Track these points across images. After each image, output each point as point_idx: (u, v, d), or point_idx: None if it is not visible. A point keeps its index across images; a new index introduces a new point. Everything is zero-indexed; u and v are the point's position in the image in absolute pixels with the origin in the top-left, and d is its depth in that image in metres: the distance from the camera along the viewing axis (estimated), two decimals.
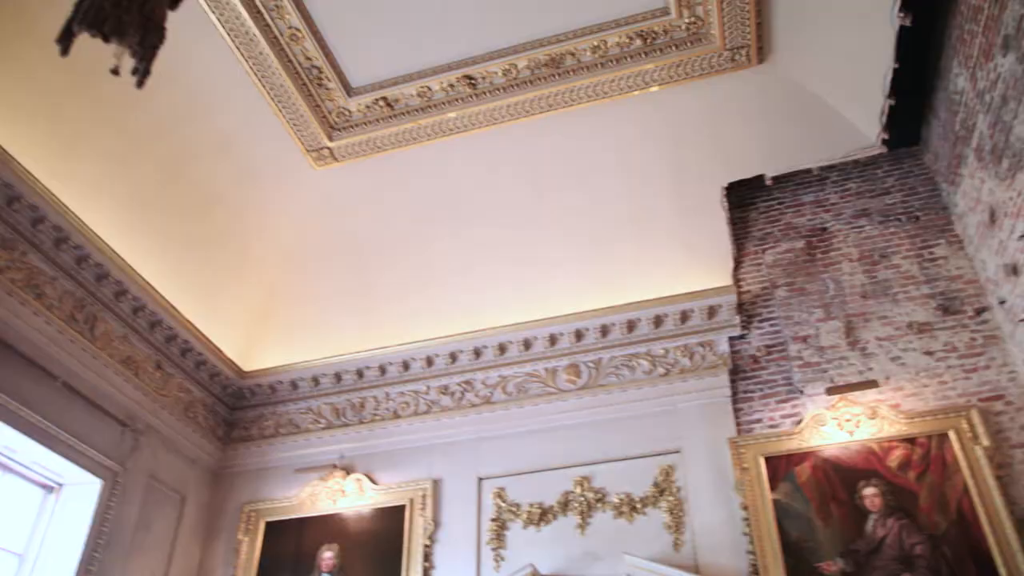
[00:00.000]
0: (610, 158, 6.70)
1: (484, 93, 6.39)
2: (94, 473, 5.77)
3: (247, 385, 7.21)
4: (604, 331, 6.46)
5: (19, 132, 5.20)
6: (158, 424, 6.39)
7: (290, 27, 5.88)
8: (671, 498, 5.67)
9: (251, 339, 7.26)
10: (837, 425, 5.47)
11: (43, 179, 5.35)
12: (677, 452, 5.85)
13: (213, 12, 5.60)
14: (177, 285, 6.48)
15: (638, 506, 5.73)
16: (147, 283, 6.17)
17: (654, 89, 6.30)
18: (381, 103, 6.46)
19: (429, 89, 6.37)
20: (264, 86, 6.14)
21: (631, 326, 6.41)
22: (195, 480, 6.76)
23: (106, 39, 2.59)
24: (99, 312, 5.93)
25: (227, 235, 6.82)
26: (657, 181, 6.67)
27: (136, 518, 6.08)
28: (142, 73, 2.67)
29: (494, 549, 5.89)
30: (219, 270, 6.87)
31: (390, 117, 6.54)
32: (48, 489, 5.83)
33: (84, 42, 4.79)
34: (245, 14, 5.66)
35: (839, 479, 5.30)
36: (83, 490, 5.81)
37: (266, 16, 5.77)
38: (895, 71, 5.51)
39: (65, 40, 2.60)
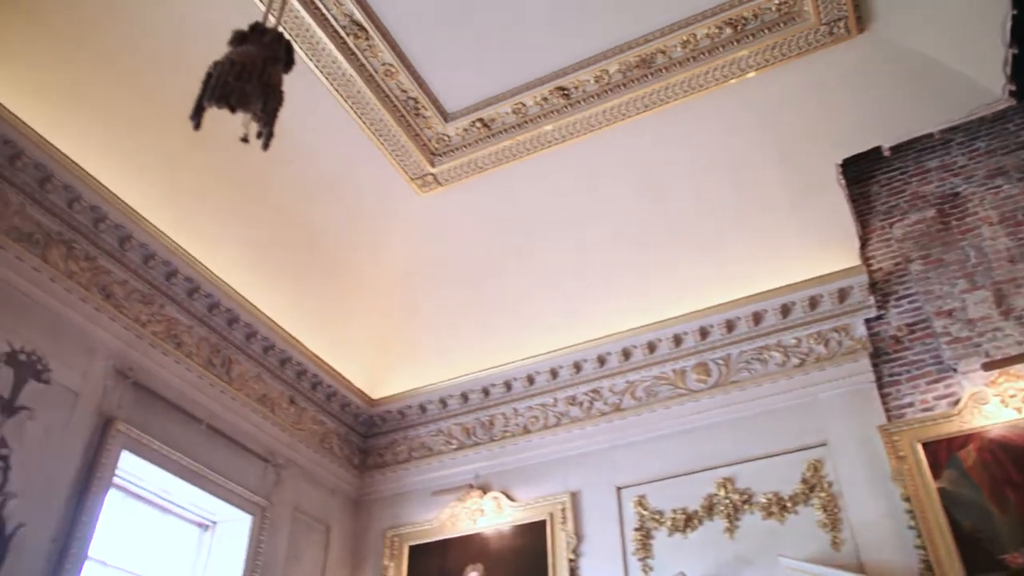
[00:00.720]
0: (712, 151, 6.52)
1: (578, 102, 6.35)
2: (244, 509, 6.00)
3: (377, 412, 7.36)
4: (729, 326, 6.25)
5: (148, 193, 5.50)
6: (297, 457, 6.60)
7: (383, 63, 6.02)
8: (823, 494, 5.39)
9: (376, 367, 7.41)
10: (1001, 402, 5.06)
11: (172, 235, 5.64)
12: (823, 445, 5.57)
13: (311, 60, 5.78)
14: (301, 322, 6.70)
15: (788, 505, 5.48)
16: (274, 322, 6.40)
17: (751, 75, 6.11)
18: (478, 125, 6.51)
19: (523, 105, 6.39)
20: (365, 123, 6.29)
21: (757, 318, 6.18)
22: (337, 509, 6.94)
23: (233, 110, 2.73)
24: (233, 355, 6.19)
25: (342, 269, 7.02)
26: (765, 168, 6.44)
27: (286, 550, 6.28)
28: (267, 136, 2.80)
29: (641, 559, 5.75)
30: (338, 303, 7.06)
31: (488, 137, 6.58)
32: (203, 527, 6.09)
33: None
34: (341, 57, 5.84)
35: (1010, 460, 4.87)
36: (235, 526, 6.04)
37: (360, 57, 5.93)
38: (1014, 17, 5.14)
39: (197, 116, 2.75)
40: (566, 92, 6.29)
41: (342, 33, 5.79)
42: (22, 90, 4.93)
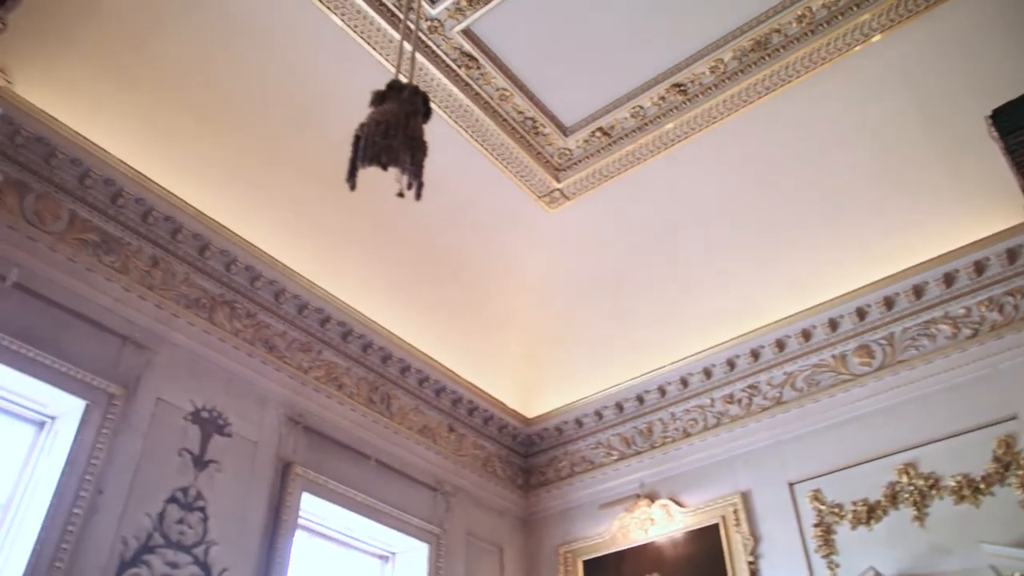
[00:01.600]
0: (844, 123, 6.20)
1: (696, 96, 6.21)
2: (420, 539, 6.20)
3: (534, 431, 7.44)
4: (888, 303, 5.91)
5: (295, 248, 5.84)
6: (463, 483, 6.76)
7: (497, 89, 6.13)
8: (1020, 472, 4.98)
9: (528, 387, 7.50)
10: None
11: (322, 284, 5.96)
12: (1013, 419, 5.15)
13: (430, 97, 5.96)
14: (451, 351, 6.88)
15: (981, 487, 5.09)
16: (425, 355, 6.62)
17: (876, 39, 5.77)
18: (598, 134, 6.49)
19: (641, 108, 6.32)
20: (487, 149, 6.41)
21: (918, 291, 5.81)
22: (508, 530, 7.05)
23: (384, 167, 2.87)
24: (391, 390, 6.44)
25: (483, 295, 7.16)
26: (907, 132, 6.06)
27: (463, 575, 6.43)
28: (418, 187, 2.92)
29: (825, 556, 5.50)
30: (484, 329, 7.20)
31: (609, 144, 6.55)
32: (384, 559, 6.33)
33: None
34: (456, 90, 5.98)
35: None
36: (414, 555, 6.25)
37: (474, 86, 6.05)
38: None
39: (352, 178, 2.91)
40: (683, 88, 6.17)
41: (454, 67, 5.94)
42: (174, 167, 5.36)
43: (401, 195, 2.88)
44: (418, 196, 2.93)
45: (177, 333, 5.12)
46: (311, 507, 5.60)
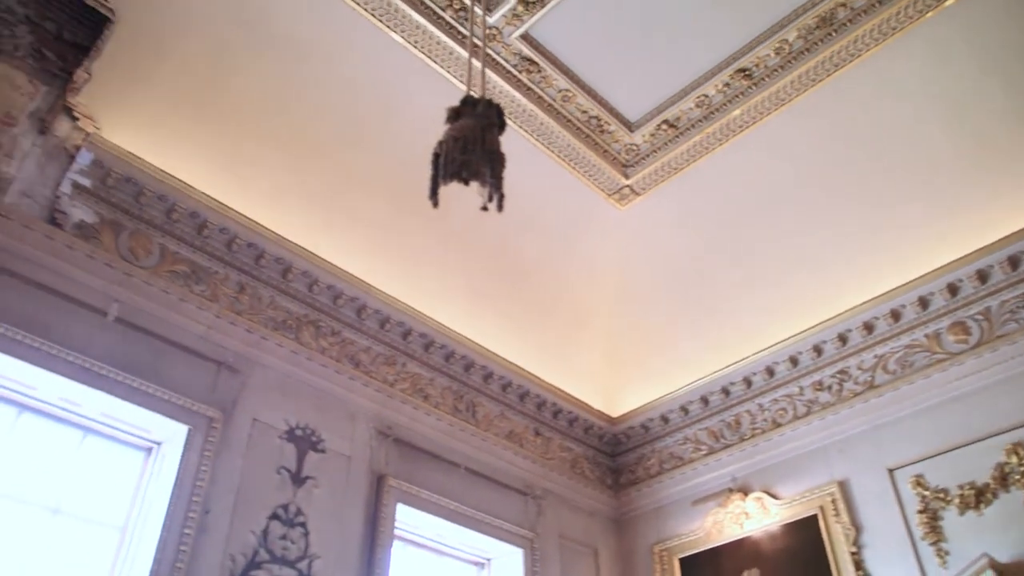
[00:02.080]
0: (921, 93, 5.97)
1: (762, 79, 6.08)
2: (514, 544, 6.24)
3: (620, 430, 7.41)
4: (982, 277, 5.67)
5: (374, 263, 5.98)
6: (552, 486, 6.78)
7: (559, 91, 6.13)
8: None
9: (611, 386, 7.48)
10: None
11: (399, 296, 6.07)
12: None
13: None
14: (531, 355, 6.91)
15: None
16: (506, 361, 6.68)
17: (949, 3, 5.57)
18: (664, 127, 6.43)
19: (706, 96, 6.23)
20: (553, 151, 6.42)
21: (1014, 262, 5.56)
22: (600, 531, 7.03)
23: (466, 182, 2.92)
24: (475, 398, 6.51)
25: (560, 296, 7.17)
26: (988, 95, 5.81)
27: None
28: (500, 199, 2.96)
29: (932, 543, 5.30)
30: (563, 330, 7.21)
31: (676, 136, 6.48)
32: (480, 565, 6.40)
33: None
34: (519, 96, 6.02)
35: None
36: (509, 560, 6.30)
37: (536, 90, 6.08)
38: None
39: (434, 195, 2.97)
40: (747, 72, 6.06)
41: (515, 72, 5.98)
42: (253, 195, 5.55)
43: (485, 208, 2.91)
44: (500, 208, 2.96)
45: (267, 355, 5.30)
46: (406, 517, 5.70)
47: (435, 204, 2.98)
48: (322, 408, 5.43)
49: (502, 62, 5.88)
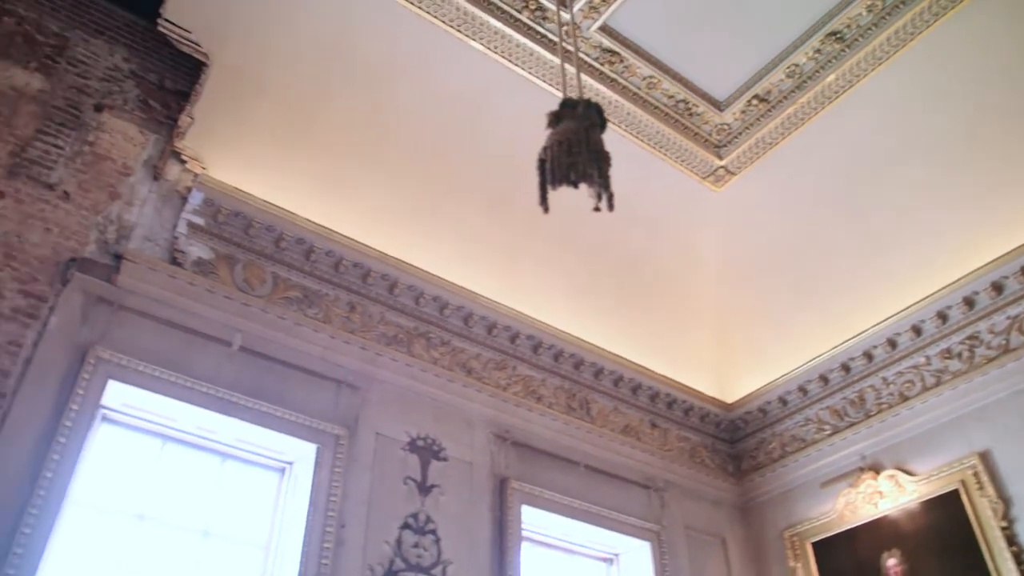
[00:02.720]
0: None
1: (855, 40, 5.84)
2: (640, 538, 6.21)
3: (737, 416, 7.26)
4: None
5: (476, 271, 6.07)
6: (673, 478, 6.70)
7: (644, 78, 6.07)
8: None
9: (722, 371, 7.34)
10: None
11: (503, 301, 6.13)
12: None
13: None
14: (639, 348, 6.86)
15: None
16: (615, 355, 6.65)
17: None
18: (755, 102, 6.27)
19: (796, 66, 6.03)
20: (643, 140, 6.35)
21: None
22: (726, 519, 6.90)
23: (575, 185, 2.94)
24: (588, 395, 6.51)
25: (662, 285, 7.08)
26: None
27: (688, 570, 6.35)
28: (610, 198, 2.95)
29: None
30: (667, 319, 7.12)
31: (769, 110, 6.30)
32: (608, 561, 6.39)
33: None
34: (604, 88, 5.99)
35: None
36: (636, 555, 6.26)
37: (621, 81, 6.03)
38: None
39: (544, 201, 3.00)
40: (839, 35, 5.84)
41: (597, 65, 5.95)
42: (354, 216, 5.72)
43: (597, 209, 2.91)
44: (611, 207, 2.95)
45: (383, 370, 5.45)
46: (531, 519, 5.74)
47: (546, 210, 3.00)
48: (440, 417, 5.55)
49: (583, 56, 5.86)
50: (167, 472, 4.75)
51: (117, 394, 4.54)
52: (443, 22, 5.54)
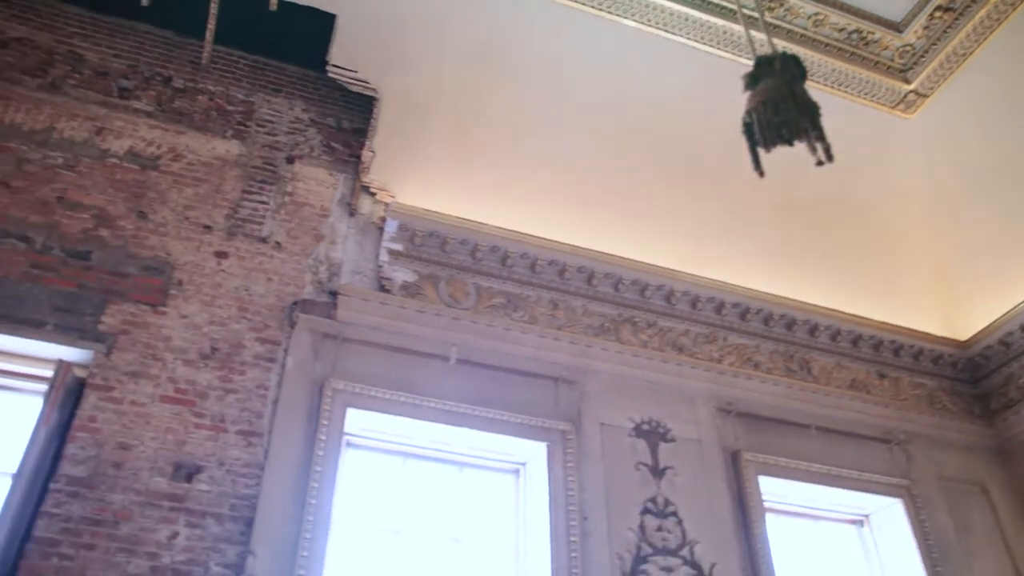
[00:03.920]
0: None
1: None
2: (891, 495, 5.85)
3: (975, 353, 6.67)
4: None
5: (670, 248, 5.95)
6: (915, 428, 6.25)
7: (808, 17, 5.75)
8: None
9: (948, 309, 6.77)
10: None
11: (704, 274, 5.99)
12: None
13: (744, 58, 5.73)
14: (853, 298, 6.47)
15: None
16: (828, 309, 6.32)
17: None
18: (937, 14, 5.77)
19: None
20: (820, 82, 6.00)
21: None
22: (983, 465, 6.34)
23: (790, 143, 2.83)
24: (805, 354, 6.23)
25: (864, 229, 6.65)
26: None
27: (951, 524, 5.90)
28: (826, 149, 2.83)
29: None
30: (879, 263, 6.66)
31: (956, 19, 5.78)
32: (858, 523, 6.05)
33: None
34: (766, 37, 5.69)
35: None
36: (889, 513, 5.90)
37: (785, 26, 5.75)
38: None
39: (758, 166, 2.90)
40: None
41: (756, 15, 5.67)
42: (533, 213, 5.78)
43: (820, 163, 2.78)
44: (830, 158, 2.81)
45: (595, 361, 5.46)
46: (770, 488, 5.55)
47: (761, 174, 2.89)
48: (660, 399, 5.49)
49: (738, 10, 5.61)
50: (412, 487, 4.99)
51: (356, 420, 4.83)
52: (591, 7, 5.51)
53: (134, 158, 5.31)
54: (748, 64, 5.67)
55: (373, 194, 5.66)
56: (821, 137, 2.81)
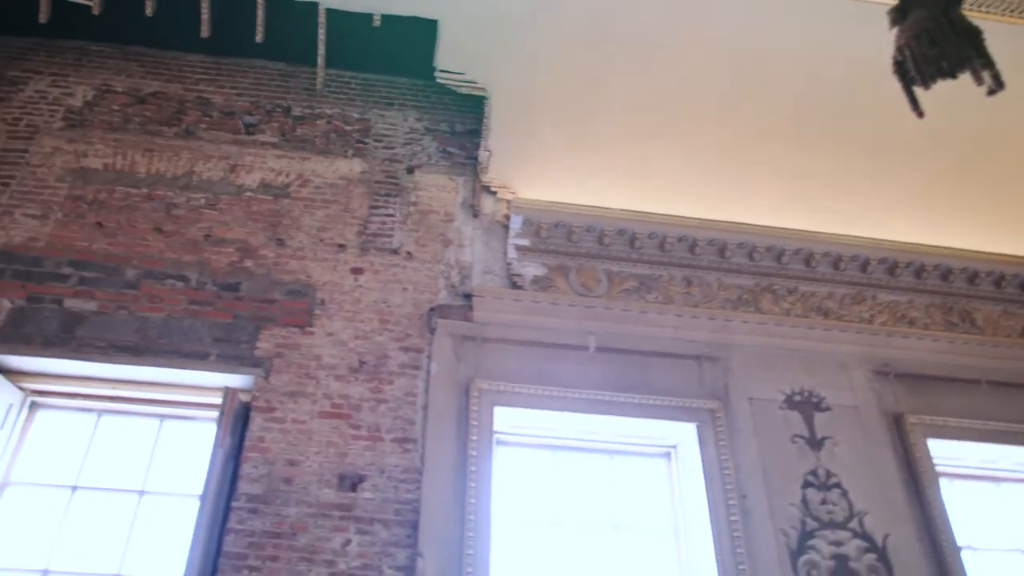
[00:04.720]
0: None
1: None
2: None
3: None
4: None
5: (795, 209, 5.69)
6: None
7: None
8: None
9: None
10: None
11: (838, 231, 5.70)
12: None
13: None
14: (1012, 240, 5.96)
15: None
16: (987, 253, 5.87)
17: None
18: None
19: None
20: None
21: None
22: None
23: (953, 75, 2.60)
24: (966, 304, 5.85)
25: (1017, 160, 6.11)
26: None
27: None
28: (995, 76, 2.57)
29: None
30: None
31: None
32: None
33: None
34: None
35: None
36: None
37: None
38: None
39: (916, 106, 2.69)
40: None
41: None
42: (655, 191, 5.65)
43: (991, 93, 2.54)
44: (1000, 85, 2.56)
45: (737, 335, 5.31)
46: (941, 451, 5.21)
47: (920, 115, 2.67)
48: (810, 368, 5.27)
49: None
50: (565, 479, 5.04)
51: (504, 418, 4.91)
52: None
53: (266, 189, 5.58)
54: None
55: (494, 193, 5.71)
56: (989, 64, 2.55)
